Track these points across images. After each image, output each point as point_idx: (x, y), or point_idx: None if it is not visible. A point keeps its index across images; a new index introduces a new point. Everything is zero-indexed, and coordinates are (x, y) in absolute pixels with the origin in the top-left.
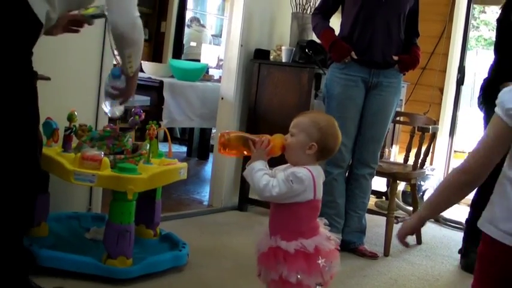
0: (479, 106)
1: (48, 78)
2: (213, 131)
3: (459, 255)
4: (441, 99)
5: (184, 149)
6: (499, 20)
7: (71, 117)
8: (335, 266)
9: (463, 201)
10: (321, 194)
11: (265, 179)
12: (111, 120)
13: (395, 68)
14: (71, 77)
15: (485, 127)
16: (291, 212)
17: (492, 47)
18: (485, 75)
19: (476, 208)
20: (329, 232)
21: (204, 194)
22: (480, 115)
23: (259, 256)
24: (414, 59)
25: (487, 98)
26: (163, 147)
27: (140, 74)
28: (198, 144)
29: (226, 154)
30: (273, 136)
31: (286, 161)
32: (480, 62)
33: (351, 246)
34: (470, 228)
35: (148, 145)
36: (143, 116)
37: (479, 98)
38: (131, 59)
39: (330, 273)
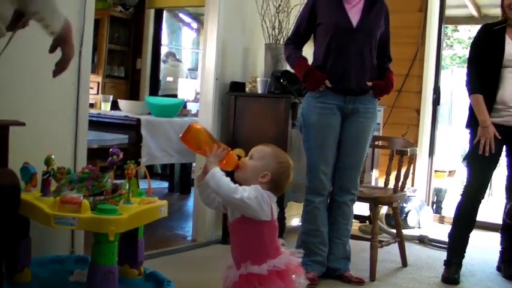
0: (467, 127)
1: (23, 124)
2: (194, 165)
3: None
4: (418, 121)
5: (165, 184)
6: (474, 42)
7: (48, 161)
8: (303, 279)
9: (446, 220)
10: (276, 214)
11: (232, 183)
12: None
13: (370, 93)
14: (47, 120)
15: (470, 146)
16: (256, 234)
17: (466, 65)
18: (464, 93)
19: (458, 223)
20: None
21: (188, 229)
22: (462, 133)
23: (231, 287)
24: (388, 84)
25: (473, 117)
26: (144, 185)
27: (117, 113)
28: (179, 179)
29: (186, 143)
30: (234, 150)
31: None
32: (456, 80)
33: (336, 273)
34: (452, 241)
35: (127, 185)
36: (121, 155)
37: (468, 117)
38: (43, 16)
39: (302, 287)
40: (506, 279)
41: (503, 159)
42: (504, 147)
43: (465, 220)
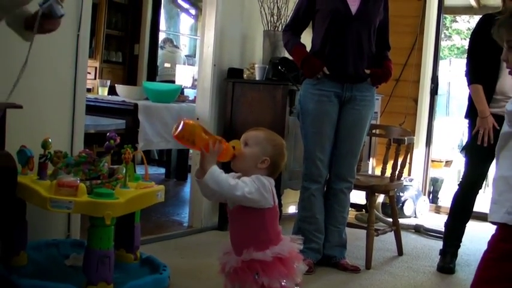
0: (466, 117)
1: (20, 107)
2: (191, 151)
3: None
4: (416, 110)
5: (162, 170)
6: (474, 32)
7: (45, 145)
8: (303, 266)
9: (442, 210)
10: (277, 200)
11: (232, 179)
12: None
13: (367, 81)
14: (44, 104)
15: (469, 137)
16: (258, 221)
17: (465, 56)
18: (462, 84)
19: (454, 213)
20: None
21: (184, 215)
22: (459, 124)
23: (231, 273)
24: (386, 72)
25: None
26: (141, 170)
27: (114, 98)
28: (176, 165)
29: (179, 140)
30: (230, 142)
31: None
32: (454, 71)
33: (332, 261)
34: (448, 231)
35: (124, 169)
36: (118, 140)
37: (467, 107)
38: None
39: (301, 273)
40: None
41: None
42: None
43: (462, 210)
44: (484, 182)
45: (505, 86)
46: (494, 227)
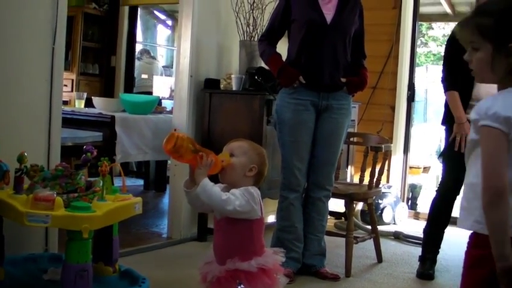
0: (443, 123)
1: None
2: (169, 162)
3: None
4: (393, 117)
5: (141, 182)
6: (450, 39)
7: (21, 159)
8: (283, 278)
9: (421, 216)
10: (263, 211)
11: (223, 193)
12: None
13: (344, 90)
14: (19, 117)
15: (446, 143)
16: (245, 232)
17: (441, 62)
18: (439, 90)
19: (433, 219)
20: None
21: (163, 227)
22: (437, 130)
23: (213, 282)
24: (362, 81)
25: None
26: (119, 183)
27: (91, 110)
28: (154, 176)
29: (169, 153)
30: (219, 155)
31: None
32: (430, 78)
33: (312, 270)
34: (427, 237)
35: (101, 182)
36: (95, 153)
37: (444, 114)
38: None
39: (283, 285)
40: None
41: None
42: None
43: (440, 216)
44: (462, 188)
45: (481, 92)
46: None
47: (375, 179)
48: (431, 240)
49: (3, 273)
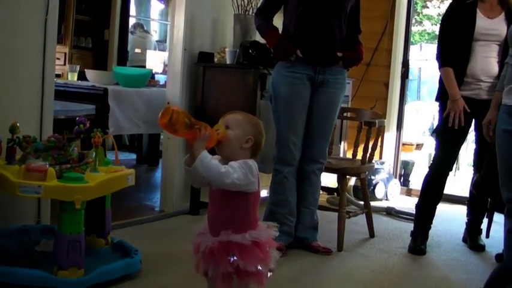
0: (437, 99)
1: None
2: (161, 137)
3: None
4: (387, 94)
5: (133, 156)
6: (445, 16)
7: (13, 129)
8: (276, 252)
9: (413, 192)
10: (260, 184)
11: (222, 166)
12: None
13: (339, 64)
14: (12, 89)
15: (440, 119)
16: (241, 205)
17: (436, 41)
18: (433, 69)
19: (425, 195)
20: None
21: (156, 200)
22: (430, 108)
23: (206, 253)
24: (358, 55)
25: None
26: (112, 156)
27: (84, 83)
28: (147, 151)
29: (164, 127)
30: (214, 127)
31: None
32: (424, 56)
33: (304, 243)
34: (419, 213)
35: (94, 153)
36: (88, 125)
37: (438, 90)
38: None
39: (275, 259)
40: (472, 250)
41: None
42: (473, 121)
43: (432, 192)
44: (455, 165)
45: (476, 69)
46: (465, 208)
47: (368, 154)
48: (424, 216)
49: None
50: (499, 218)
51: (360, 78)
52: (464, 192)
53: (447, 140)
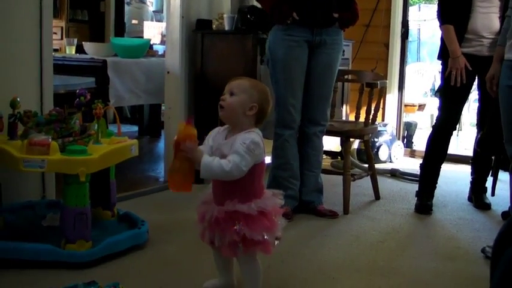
0: (439, 58)
1: None
2: (163, 107)
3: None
4: (387, 55)
5: (135, 128)
6: None
7: (14, 104)
8: (283, 220)
9: (417, 154)
10: (265, 154)
11: (225, 163)
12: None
13: (336, 25)
14: (11, 64)
15: (442, 78)
16: (246, 175)
17: (434, 2)
18: (432, 29)
19: (429, 154)
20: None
21: (159, 171)
22: (430, 69)
23: (212, 222)
24: (354, 15)
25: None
26: (114, 129)
27: (82, 56)
28: (148, 122)
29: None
30: (179, 130)
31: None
32: (423, 17)
33: (310, 207)
34: (424, 172)
35: (96, 125)
36: (89, 97)
37: (440, 48)
38: None
39: (282, 227)
40: (477, 209)
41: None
42: (476, 79)
43: (437, 151)
44: (458, 126)
45: (477, 25)
46: (469, 168)
47: (370, 116)
48: (428, 175)
49: (3, 221)
50: (504, 176)
51: (360, 40)
52: (468, 152)
53: (450, 99)
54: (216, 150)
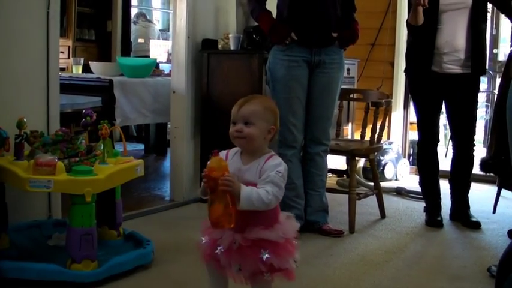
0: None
1: None
2: (169, 126)
3: (424, 218)
4: (393, 73)
5: (141, 146)
6: None
7: (20, 124)
8: (298, 242)
9: (413, 171)
10: None
11: (264, 194)
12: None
13: (335, 44)
14: (17, 84)
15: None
16: None
17: None
18: None
19: (422, 171)
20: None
21: (165, 190)
22: None
23: (232, 250)
24: (353, 34)
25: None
26: (120, 147)
27: (88, 75)
28: (154, 140)
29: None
30: (211, 164)
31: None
32: None
33: (315, 226)
34: (424, 188)
35: (102, 145)
36: (94, 117)
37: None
38: None
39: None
40: (467, 228)
41: None
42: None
43: (426, 166)
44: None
45: (441, 42)
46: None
47: (376, 135)
48: (428, 190)
49: (8, 241)
50: (509, 194)
51: (365, 59)
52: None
53: (422, 114)
54: (234, 176)
